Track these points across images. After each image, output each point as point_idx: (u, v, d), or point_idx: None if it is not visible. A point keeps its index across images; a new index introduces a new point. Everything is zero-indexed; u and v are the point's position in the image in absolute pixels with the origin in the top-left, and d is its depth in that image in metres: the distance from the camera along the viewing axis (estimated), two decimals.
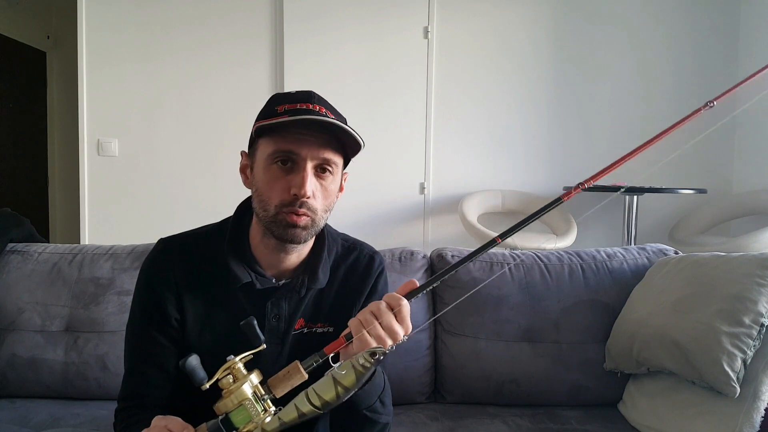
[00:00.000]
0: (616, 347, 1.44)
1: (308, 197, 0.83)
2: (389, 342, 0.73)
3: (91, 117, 3.36)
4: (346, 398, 0.66)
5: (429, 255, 1.63)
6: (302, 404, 0.66)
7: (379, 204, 3.45)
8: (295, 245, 0.89)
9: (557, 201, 0.83)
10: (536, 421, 1.38)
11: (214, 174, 3.37)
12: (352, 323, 0.75)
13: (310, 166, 0.84)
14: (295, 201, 0.83)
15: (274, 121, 0.82)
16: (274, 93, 0.91)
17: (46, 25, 4.86)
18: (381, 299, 1.01)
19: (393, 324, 0.73)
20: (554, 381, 1.48)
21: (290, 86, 3.35)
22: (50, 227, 5.01)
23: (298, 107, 0.84)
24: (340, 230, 1.05)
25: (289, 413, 0.67)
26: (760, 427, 1.10)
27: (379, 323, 0.73)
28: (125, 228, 3.38)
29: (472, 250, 0.85)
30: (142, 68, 3.36)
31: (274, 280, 0.93)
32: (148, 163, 3.40)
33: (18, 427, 1.32)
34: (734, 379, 1.13)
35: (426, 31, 3.42)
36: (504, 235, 0.79)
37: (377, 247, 1.09)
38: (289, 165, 0.84)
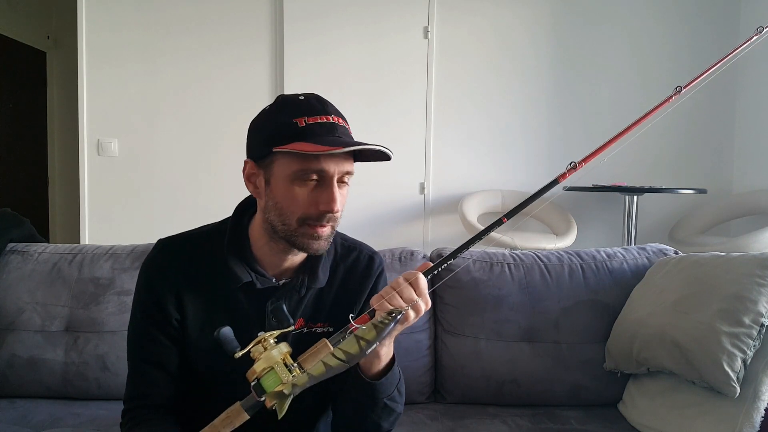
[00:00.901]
0: (616, 347, 1.44)
1: (337, 212, 0.85)
2: (412, 313, 0.77)
3: (91, 117, 3.36)
4: (368, 351, 0.72)
5: (429, 255, 1.63)
6: (329, 359, 0.72)
7: (379, 204, 3.45)
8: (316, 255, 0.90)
9: (553, 182, 0.86)
10: (536, 421, 1.38)
11: (214, 174, 3.37)
12: (374, 299, 0.78)
13: (335, 180, 0.84)
14: (322, 216, 0.84)
15: (312, 151, 0.79)
16: (279, 95, 0.90)
17: (46, 25, 4.86)
18: None
19: (413, 295, 0.77)
20: (554, 381, 1.48)
21: (290, 86, 3.35)
22: (50, 227, 5.01)
23: (319, 120, 0.82)
24: (340, 230, 1.05)
25: (317, 368, 0.73)
26: (760, 427, 1.10)
27: (399, 295, 0.77)
28: (125, 228, 3.38)
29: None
30: (142, 68, 3.36)
31: (274, 280, 0.93)
32: (148, 163, 3.40)
33: (18, 427, 1.32)
34: (734, 379, 1.13)
35: (426, 31, 3.42)
36: (510, 214, 0.84)
37: (377, 247, 1.09)
38: (314, 181, 0.83)
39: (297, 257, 0.93)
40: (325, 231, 0.86)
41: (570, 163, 0.86)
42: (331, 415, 1.03)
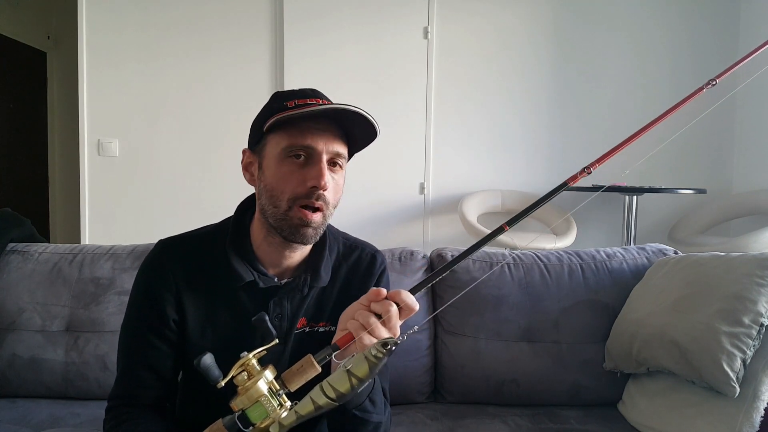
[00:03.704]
0: (615, 347, 1.44)
1: (326, 189, 0.84)
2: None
3: (91, 117, 3.36)
4: (360, 389, 0.66)
5: (429, 255, 1.63)
6: (318, 397, 0.67)
7: (379, 204, 3.46)
8: (303, 245, 0.89)
9: (562, 185, 0.81)
10: (536, 421, 1.38)
11: (214, 174, 3.37)
12: (350, 324, 0.73)
13: (324, 158, 0.84)
14: (312, 193, 0.83)
15: (295, 112, 0.81)
16: (276, 92, 0.91)
17: (46, 25, 4.86)
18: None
19: (398, 327, 0.72)
20: (554, 381, 1.48)
21: (290, 86, 3.33)
22: (50, 227, 5.01)
23: (309, 102, 0.84)
24: (342, 229, 1.05)
25: (306, 406, 0.67)
26: (760, 427, 1.10)
27: (387, 327, 0.72)
28: (125, 228, 3.38)
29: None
30: (142, 68, 3.36)
31: (276, 279, 0.92)
32: (148, 163, 3.40)
33: (18, 427, 1.32)
34: (734, 378, 1.13)
35: (426, 31, 3.42)
36: (511, 222, 0.77)
37: (377, 247, 1.09)
38: (302, 159, 0.84)
39: (296, 254, 0.92)
40: (315, 218, 0.85)
41: (585, 168, 0.80)
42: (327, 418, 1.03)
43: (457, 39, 3.46)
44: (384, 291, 0.73)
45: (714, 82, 0.91)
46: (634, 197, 3.10)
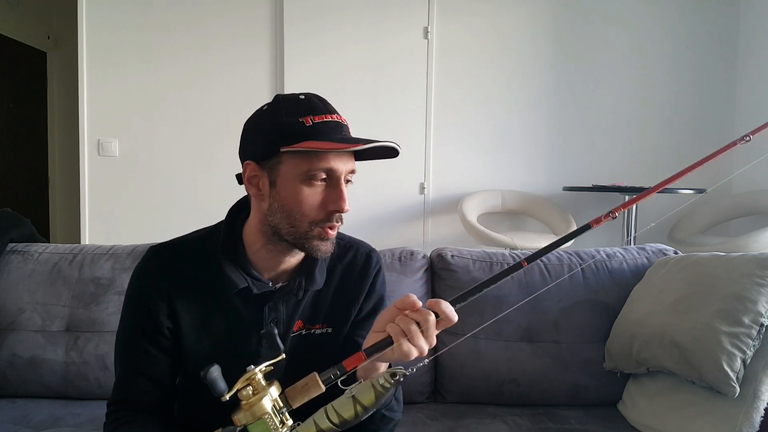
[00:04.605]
0: (615, 347, 1.44)
1: (348, 211, 0.84)
2: (426, 353, 0.72)
3: (91, 117, 3.36)
4: (364, 417, 0.66)
5: (429, 255, 1.63)
6: (321, 420, 0.67)
7: (379, 204, 3.46)
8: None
9: (585, 227, 0.82)
10: (536, 420, 1.38)
11: (214, 174, 3.37)
12: (390, 329, 0.72)
13: (343, 179, 0.84)
14: (332, 216, 0.84)
15: (329, 148, 0.79)
16: (277, 94, 0.89)
17: (46, 25, 4.86)
18: (379, 298, 1.00)
19: (434, 338, 0.72)
20: (554, 381, 1.48)
21: (290, 87, 3.35)
22: (50, 227, 5.01)
23: (326, 119, 0.82)
24: (340, 230, 1.04)
25: (308, 429, 0.68)
26: (760, 427, 1.10)
27: (425, 335, 0.71)
28: (125, 228, 3.38)
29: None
30: (142, 68, 3.36)
31: (270, 284, 0.91)
32: (148, 163, 3.40)
33: (18, 427, 1.32)
34: (734, 378, 1.13)
35: (426, 31, 3.42)
36: (530, 259, 0.78)
37: (377, 247, 1.08)
38: (322, 181, 0.83)
39: (294, 259, 0.91)
40: (334, 233, 0.86)
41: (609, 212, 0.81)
42: None
43: (457, 39, 3.46)
44: (419, 302, 0.73)
45: (748, 138, 0.95)
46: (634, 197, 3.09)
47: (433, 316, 0.72)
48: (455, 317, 0.73)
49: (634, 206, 3.09)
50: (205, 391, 0.72)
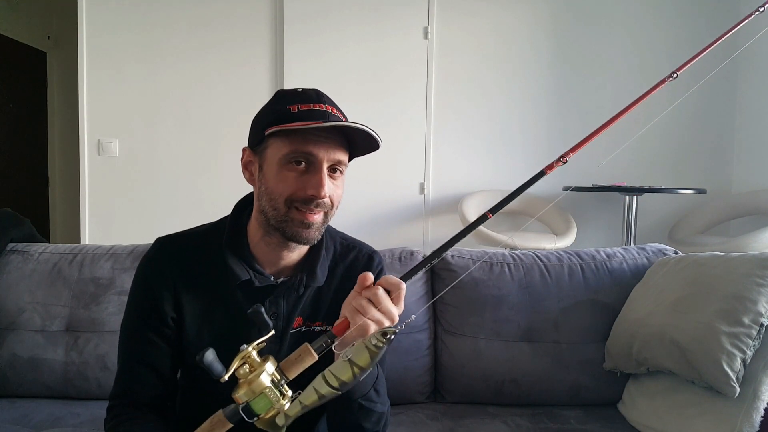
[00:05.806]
0: (615, 347, 1.44)
1: (325, 197, 0.84)
2: (386, 323, 0.75)
3: (91, 117, 3.36)
4: (362, 377, 0.69)
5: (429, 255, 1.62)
6: (321, 386, 0.69)
7: (379, 204, 3.46)
8: (305, 245, 0.90)
9: (540, 174, 0.85)
10: (536, 420, 1.38)
11: (214, 174, 3.37)
12: (346, 310, 0.76)
13: (325, 167, 0.85)
14: (310, 200, 0.84)
15: (297, 126, 0.81)
16: (278, 89, 0.92)
17: (47, 26, 4.86)
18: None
19: (390, 307, 0.75)
20: (554, 381, 1.48)
21: (290, 86, 3.33)
22: (50, 227, 5.01)
23: (312, 108, 0.84)
24: (340, 230, 1.05)
25: (309, 396, 0.70)
26: (760, 427, 1.10)
27: (378, 308, 0.74)
28: (125, 228, 3.39)
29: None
30: (142, 68, 3.36)
31: (272, 278, 0.93)
32: (148, 163, 3.40)
33: (18, 427, 1.32)
34: (734, 378, 1.13)
35: (426, 31, 3.42)
36: (494, 210, 0.82)
37: (377, 247, 1.09)
38: (303, 165, 0.84)
39: (294, 254, 0.93)
40: (316, 219, 0.86)
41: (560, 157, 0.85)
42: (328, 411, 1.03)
43: (457, 39, 3.46)
44: (370, 275, 0.76)
45: (675, 75, 1.00)
46: (634, 197, 3.10)
47: (380, 289, 0.75)
48: (399, 282, 0.76)
49: (634, 206, 3.09)
50: (207, 384, 0.73)
